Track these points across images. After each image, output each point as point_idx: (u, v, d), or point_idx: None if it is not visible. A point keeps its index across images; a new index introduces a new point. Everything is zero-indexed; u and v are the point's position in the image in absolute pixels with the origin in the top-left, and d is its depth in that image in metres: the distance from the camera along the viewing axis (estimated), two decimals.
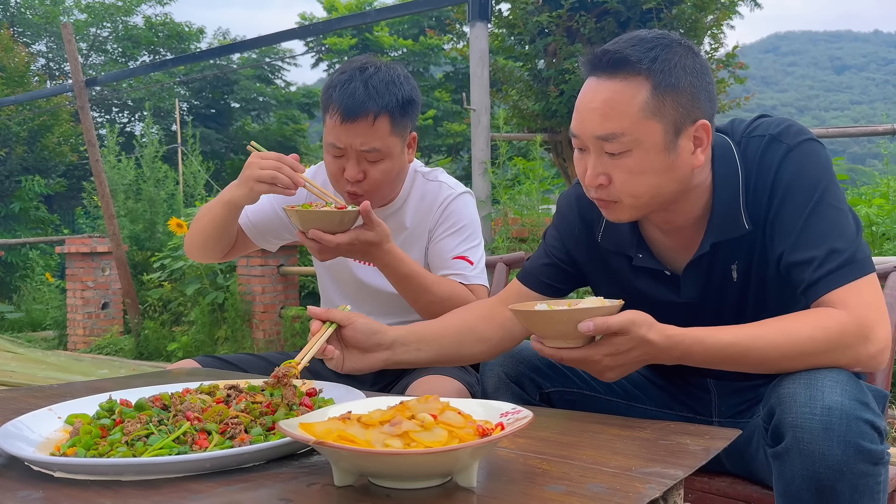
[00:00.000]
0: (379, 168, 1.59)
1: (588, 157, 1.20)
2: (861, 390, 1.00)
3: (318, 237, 1.46)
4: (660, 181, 1.17)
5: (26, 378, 4.67)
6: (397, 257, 1.56)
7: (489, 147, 4.91)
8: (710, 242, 1.23)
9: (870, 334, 1.08)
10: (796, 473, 0.98)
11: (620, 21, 5.82)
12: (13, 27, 18.43)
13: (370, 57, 1.65)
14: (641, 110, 1.14)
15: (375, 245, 1.50)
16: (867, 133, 4.82)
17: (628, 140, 1.14)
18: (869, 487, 0.96)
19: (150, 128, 7.63)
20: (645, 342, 1.08)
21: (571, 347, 1.10)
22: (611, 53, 1.15)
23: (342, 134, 1.55)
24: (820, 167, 1.18)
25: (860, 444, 0.95)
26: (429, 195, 1.75)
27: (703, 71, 1.19)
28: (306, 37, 16.71)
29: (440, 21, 16.19)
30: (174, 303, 6.34)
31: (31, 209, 13.15)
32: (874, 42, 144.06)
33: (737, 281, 1.26)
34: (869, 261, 1.13)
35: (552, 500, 0.74)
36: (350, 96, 1.53)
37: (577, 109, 1.20)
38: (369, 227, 1.49)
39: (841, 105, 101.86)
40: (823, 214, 1.14)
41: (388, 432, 0.77)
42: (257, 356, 1.78)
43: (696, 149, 1.19)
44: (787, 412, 1.00)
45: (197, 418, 0.96)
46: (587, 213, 1.38)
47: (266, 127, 20.35)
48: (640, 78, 1.14)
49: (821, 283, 1.11)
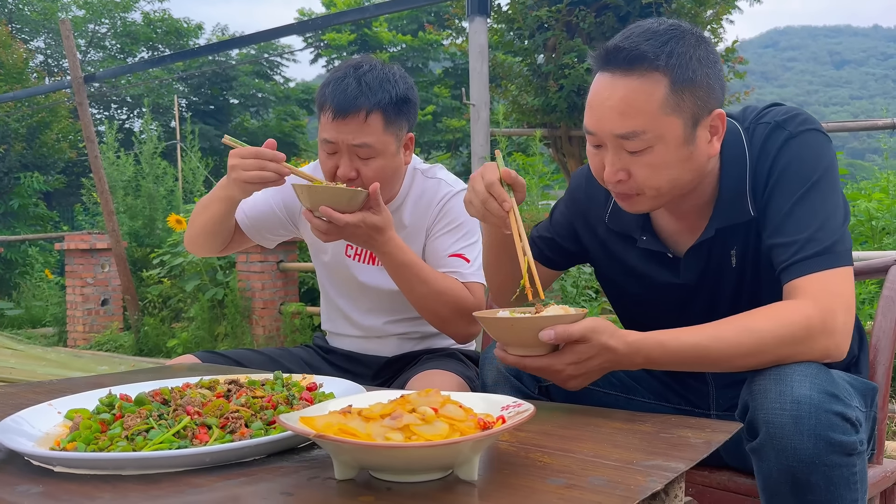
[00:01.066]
0: (371, 166, 1.57)
1: (605, 153, 1.19)
2: (831, 382, 1.00)
3: (329, 214, 1.45)
4: (679, 173, 1.17)
5: (26, 374, 4.66)
6: (398, 245, 1.55)
7: (489, 142, 4.91)
8: (714, 227, 1.24)
9: (834, 326, 1.07)
10: (773, 468, 0.99)
11: (620, 16, 5.82)
12: (11, 24, 18.38)
13: (367, 56, 1.65)
14: (661, 107, 1.13)
15: (379, 230, 1.50)
16: (867, 128, 4.82)
17: (650, 137, 1.14)
18: (844, 478, 0.97)
19: (148, 124, 7.62)
20: (606, 349, 1.08)
21: (534, 356, 1.10)
22: (626, 50, 1.13)
23: (334, 130, 1.54)
24: (818, 156, 1.17)
25: (830, 437, 0.95)
26: (427, 193, 1.74)
27: (715, 59, 1.18)
28: (305, 32, 16.69)
29: (439, 16, 16.16)
30: (174, 299, 6.33)
31: (31, 206, 13.14)
32: (874, 37, 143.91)
33: (735, 266, 1.26)
34: (847, 254, 1.13)
35: (553, 493, 0.74)
36: (342, 92, 1.53)
37: (591, 106, 1.19)
38: (376, 211, 1.49)
39: (840, 100, 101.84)
40: (811, 202, 1.14)
41: (388, 426, 0.77)
42: (257, 351, 1.78)
43: (713, 137, 1.19)
44: (759, 407, 1.00)
45: (197, 413, 0.95)
46: (596, 194, 1.39)
47: (265, 123, 20.33)
48: (657, 74, 1.12)
49: (794, 266, 1.11)
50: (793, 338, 1.06)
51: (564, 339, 1.06)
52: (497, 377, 1.33)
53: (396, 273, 1.59)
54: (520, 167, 5.10)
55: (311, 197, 1.47)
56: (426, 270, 1.60)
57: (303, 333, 5.31)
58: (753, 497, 1.25)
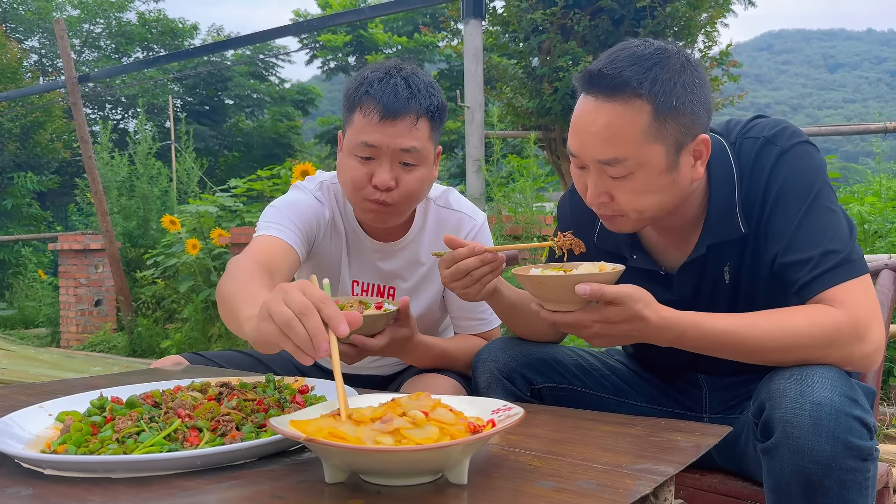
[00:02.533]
0: (414, 175, 1.44)
1: (588, 175, 1.20)
2: (851, 387, 1.01)
3: (361, 343, 1.31)
4: (661, 198, 1.18)
5: (18, 375, 4.65)
6: (426, 348, 1.47)
7: (483, 144, 4.91)
8: (705, 244, 1.24)
9: (865, 334, 1.08)
10: (785, 468, 0.98)
11: (614, 19, 5.83)
12: (5, 23, 18.33)
13: (399, 60, 1.53)
14: (643, 134, 1.12)
15: (408, 340, 1.40)
16: (860, 131, 4.84)
17: (631, 164, 1.14)
18: (857, 483, 0.97)
19: (143, 124, 7.58)
20: (639, 318, 1.08)
21: (566, 311, 1.11)
22: (609, 77, 1.12)
23: (379, 133, 1.40)
24: (813, 170, 1.18)
25: (849, 440, 0.96)
26: (446, 226, 1.63)
27: (702, 84, 1.17)
28: (300, 33, 16.67)
29: (434, 18, 16.18)
30: (167, 300, 6.32)
31: (24, 206, 13.09)
32: (867, 40, 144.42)
33: (728, 283, 1.26)
34: (863, 262, 1.14)
35: (542, 496, 0.74)
36: (392, 93, 1.40)
37: (574, 129, 1.19)
38: (404, 324, 1.38)
39: (834, 103, 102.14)
40: (817, 216, 1.15)
41: (378, 429, 0.77)
42: (245, 353, 1.74)
43: (696, 161, 1.19)
44: (776, 407, 1.00)
45: (188, 415, 0.95)
46: (583, 217, 1.39)
47: (260, 124, 20.30)
48: (640, 101, 1.12)
49: (816, 281, 1.12)
50: (825, 339, 1.07)
51: (598, 296, 1.06)
52: (489, 379, 1.33)
53: (426, 365, 1.54)
54: (514, 169, 5.11)
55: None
56: (451, 353, 1.55)
57: None
58: (744, 499, 1.26)
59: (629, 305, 1.07)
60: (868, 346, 1.09)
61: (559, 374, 1.36)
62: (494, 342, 1.41)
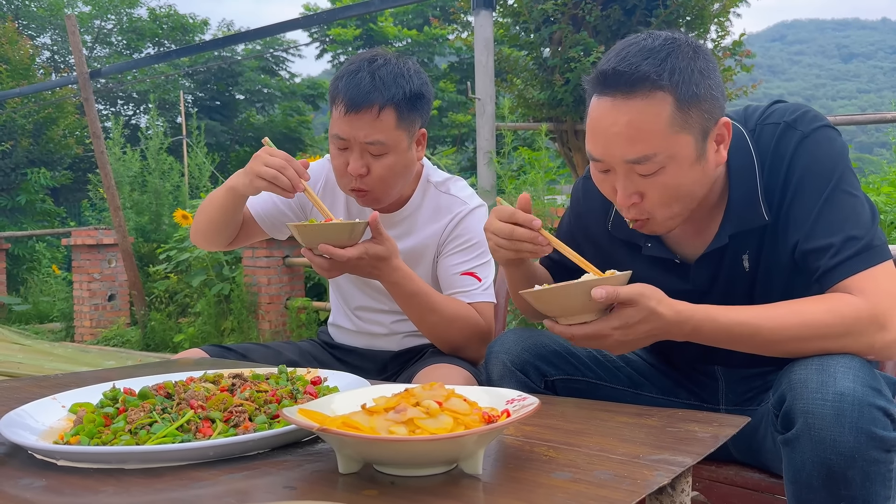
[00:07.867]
0: (383, 163, 1.54)
1: (614, 177, 1.17)
2: (874, 377, 0.99)
3: (329, 251, 1.41)
4: (693, 189, 1.16)
5: (33, 369, 4.68)
6: (405, 274, 1.52)
7: (494, 137, 4.89)
8: (727, 233, 1.21)
9: (886, 322, 1.06)
10: (807, 460, 0.97)
11: (626, 9, 5.78)
12: (18, 20, 18.42)
13: (382, 50, 1.61)
14: (669, 126, 1.10)
15: (384, 260, 1.46)
16: (875, 121, 4.78)
17: (661, 158, 1.11)
18: (881, 474, 0.95)
19: (154, 120, 7.60)
20: (654, 315, 1.06)
21: (582, 323, 1.08)
22: (626, 73, 1.10)
23: (346, 125, 1.51)
24: (835, 154, 1.16)
25: (872, 431, 0.94)
26: (441, 209, 1.70)
27: (714, 67, 1.15)
28: (310, 27, 16.68)
29: (444, 11, 16.13)
30: (180, 294, 6.35)
31: (38, 202, 13.17)
32: (882, 30, 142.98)
33: (748, 271, 1.24)
34: (886, 248, 1.11)
35: (559, 487, 0.73)
36: (356, 87, 1.50)
37: (594, 132, 1.15)
38: (378, 241, 1.45)
39: (848, 94, 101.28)
40: (839, 202, 1.12)
41: (392, 419, 0.77)
42: (263, 345, 1.78)
43: (719, 146, 1.17)
44: (798, 398, 0.98)
45: (201, 406, 0.95)
46: (595, 205, 1.38)
47: (271, 118, 20.32)
48: (661, 93, 1.09)
49: (838, 269, 1.09)
50: (844, 328, 1.05)
51: (613, 298, 1.05)
52: (503, 371, 1.32)
53: (405, 303, 1.56)
54: (525, 161, 5.09)
55: (308, 236, 1.41)
56: (435, 298, 1.56)
57: (308, 328, 5.31)
58: (761, 492, 1.24)
59: (643, 304, 1.05)
60: (890, 335, 1.06)
61: (573, 366, 1.35)
62: (507, 334, 1.40)
